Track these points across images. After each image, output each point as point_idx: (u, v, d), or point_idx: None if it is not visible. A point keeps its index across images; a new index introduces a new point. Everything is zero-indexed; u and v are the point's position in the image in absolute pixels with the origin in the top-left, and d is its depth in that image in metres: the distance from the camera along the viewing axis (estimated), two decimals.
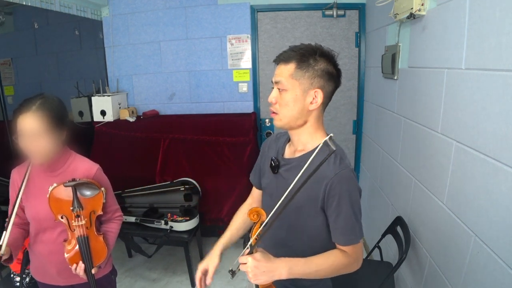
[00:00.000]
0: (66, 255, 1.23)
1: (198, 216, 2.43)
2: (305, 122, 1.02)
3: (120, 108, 3.00)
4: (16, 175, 1.30)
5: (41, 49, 2.61)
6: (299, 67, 0.95)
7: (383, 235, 1.96)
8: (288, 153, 1.09)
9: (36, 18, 2.45)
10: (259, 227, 0.89)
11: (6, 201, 1.94)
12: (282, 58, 0.98)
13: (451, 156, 1.37)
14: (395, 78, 2.00)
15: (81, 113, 2.86)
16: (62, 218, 1.21)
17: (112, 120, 2.87)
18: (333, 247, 1.02)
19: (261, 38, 2.98)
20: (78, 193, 1.20)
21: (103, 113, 2.85)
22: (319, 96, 0.98)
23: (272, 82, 1.02)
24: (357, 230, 0.97)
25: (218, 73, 3.05)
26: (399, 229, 1.82)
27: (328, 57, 0.98)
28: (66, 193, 1.19)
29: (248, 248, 0.92)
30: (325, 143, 0.85)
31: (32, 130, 1.12)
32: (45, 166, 1.25)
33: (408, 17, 1.63)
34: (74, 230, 1.22)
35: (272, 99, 0.99)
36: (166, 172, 2.74)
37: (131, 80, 3.17)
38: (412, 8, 1.57)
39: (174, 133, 2.80)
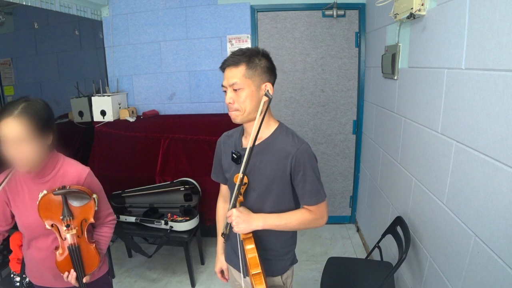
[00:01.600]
0: (57, 264, 1.21)
1: (198, 216, 2.43)
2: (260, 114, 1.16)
3: (120, 108, 3.00)
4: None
5: (41, 49, 2.61)
6: (249, 67, 1.10)
7: (383, 235, 1.96)
8: (246, 143, 1.21)
9: (36, 18, 2.44)
10: (239, 187, 1.11)
11: None
12: (230, 63, 1.11)
13: (451, 156, 1.37)
14: (395, 78, 2.00)
15: (81, 113, 2.86)
16: (52, 226, 1.17)
17: (112, 120, 2.87)
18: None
19: (261, 38, 2.98)
20: (68, 201, 1.16)
21: (103, 113, 2.85)
22: (269, 88, 1.13)
23: (223, 86, 1.15)
24: (321, 191, 1.17)
25: (218, 73, 3.04)
26: (399, 229, 1.82)
27: (268, 55, 1.15)
28: (56, 201, 1.15)
29: (232, 205, 1.13)
30: (266, 93, 1.08)
31: (15, 137, 1.05)
32: (33, 173, 1.19)
33: (408, 17, 1.63)
34: (65, 238, 1.19)
35: (229, 99, 1.11)
36: (166, 172, 2.74)
37: (131, 80, 3.17)
38: (412, 8, 1.57)
39: (174, 133, 2.79)
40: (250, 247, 1.13)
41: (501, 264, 1.07)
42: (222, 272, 1.42)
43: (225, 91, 1.14)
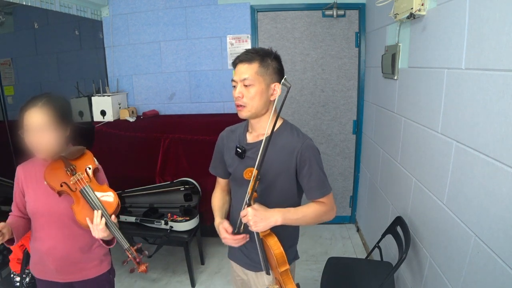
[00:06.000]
0: (76, 217, 1.20)
1: (198, 216, 2.43)
2: (267, 111, 1.20)
3: (120, 108, 3.00)
4: (20, 171, 1.33)
5: (41, 49, 2.61)
6: (261, 66, 1.13)
7: (383, 235, 1.96)
8: (251, 139, 1.25)
9: (36, 18, 2.44)
10: (254, 183, 1.06)
11: (5, 201, 1.94)
12: (244, 59, 1.14)
13: (451, 156, 1.37)
14: (395, 78, 2.00)
15: (81, 113, 2.85)
16: (62, 186, 1.22)
17: (112, 120, 2.87)
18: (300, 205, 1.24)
19: (261, 38, 2.98)
20: (67, 157, 1.25)
21: (103, 113, 2.85)
22: (278, 89, 1.16)
23: (233, 81, 1.17)
24: (327, 184, 1.20)
25: (218, 73, 3.05)
26: (399, 229, 1.82)
27: (279, 58, 1.19)
28: (58, 164, 1.25)
29: (246, 203, 1.09)
30: (283, 82, 1.05)
31: (37, 125, 1.17)
32: (47, 163, 1.27)
33: (408, 17, 1.63)
34: (76, 189, 1.22)
35: (239, 94, 1.14)
36: (166, 172, 2.74)
37: (131, 80, 3.17)
38: (412, 8, 1.57)
39: (174, 133, 2.79)
40: (274, 241, 1.09)
41: (501, 264, 1.07)
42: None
43: (234, 86, 1.17)
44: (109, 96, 2.85)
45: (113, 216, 1.22)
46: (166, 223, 2.33)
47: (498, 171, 1.08)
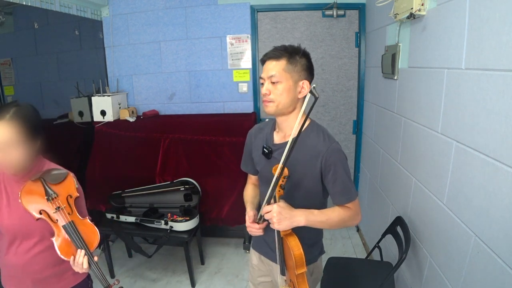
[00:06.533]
0: (58, 251, 1.15)
1: (198, 216, 2.43)
2: (294, 109, 1.18)
3: (120, 108, 3.00)
4: None
5: (41, 49, 2.61)
6: (289, 63, 1.13)
7: (383, 235, 1.96)
8: (278, 139, 1.25)
9: (36, 18, 2.45)
10: (277, 180, 1.03)
11: None
12: (272, 56, 1.14)
13: (451, 156, 1.37)
14: (395, 78, 2.00)
15: (81, 113, 2.85)
16: (40, 213, 1.14)
17: (112, 120, 2.87)
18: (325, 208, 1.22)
19: (261, 38, 2.98)
20: (47, 182, 1.17)
21: (103, 113, 2.85)
22: (306, 86, 1.16)
23: (261, 78, 1.17)
24: (353, 189, 1.17)
25: (218, 73, 3.05)
26: (399, 229, 1.82)
27: (308, 55, 1.18)
28: (36, 187, 1.16)
29: (270, 198, 1.07)
30: (311, 91, 0.98)
31: (6, 140, 1.05)
32: (18, 176, 1.19)
33: (408, 17, 1.63)
34: (57, 220, 1.15)
35: (266, 91, 1.14)
36: (166, 172, 2.74)
37: (131, 80, 3.18)
38: (412, 8, 1.57)
39: (174, 133, 2.80)
40: (295, 242, 1.06)
41: (501, 264, 1.07)
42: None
43: (262, 84, 1.17)
44: (109, 96, 2.85)
45: (95, 257, 1.18)
46: (166, 223, 2.33)
47: (498, 171, 1.08)
